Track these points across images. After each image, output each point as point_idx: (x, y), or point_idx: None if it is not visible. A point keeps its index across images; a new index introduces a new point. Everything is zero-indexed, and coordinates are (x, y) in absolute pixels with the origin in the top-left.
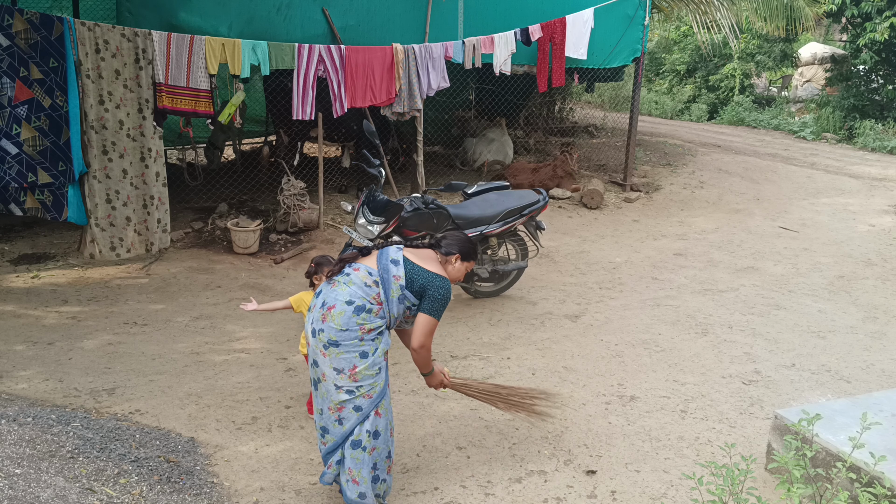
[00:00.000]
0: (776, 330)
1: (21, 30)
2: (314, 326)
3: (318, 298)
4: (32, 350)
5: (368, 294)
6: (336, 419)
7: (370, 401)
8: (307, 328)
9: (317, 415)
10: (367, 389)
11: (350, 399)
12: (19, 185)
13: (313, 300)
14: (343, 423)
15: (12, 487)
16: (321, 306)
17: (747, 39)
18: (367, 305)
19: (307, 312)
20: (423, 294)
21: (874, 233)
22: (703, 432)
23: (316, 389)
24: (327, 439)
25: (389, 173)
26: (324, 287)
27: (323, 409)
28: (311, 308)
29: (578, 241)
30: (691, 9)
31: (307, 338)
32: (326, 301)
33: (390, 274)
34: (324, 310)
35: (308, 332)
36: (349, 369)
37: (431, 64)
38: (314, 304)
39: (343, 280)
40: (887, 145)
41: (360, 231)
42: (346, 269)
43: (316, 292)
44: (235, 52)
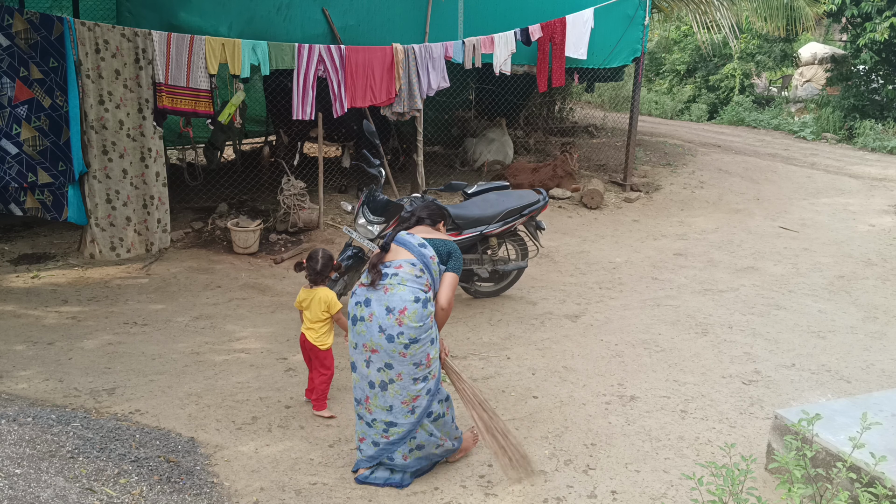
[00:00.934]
0: (776, 330)
1: (21, 30)
2: (389, 332)
3: (369, 307)
4: (32, 350)
5: (421, 284)
6: (409, 410)
7: (436, 379)
8: (367, 338)
9: (378, 412)
10: (434, 370)
11: (424, 385)
12: (19, 185)
13: (362, 309)
14: (415, 412)
15: (12, 487)
16: (388, 312)
17: (747, 39)
18: (424, 296)
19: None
20: (447, 258)
21: (874, 233)
22: (703, 432)
23: (383, 391)
24: (392, 432)
25: (389, 173)
26: (370, 294)
27: (393, 407)
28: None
29: (578, 241)
30: (691, 9)
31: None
32: (391, 305)
33: (427, 257)
34: (395, 314)
35: (376, 340)
36: (425, 359)
37: (431, 64)
38: (371, 312)
39: (395, 281)
40: (887, 145)
41: (360, 231)
42: (384, 270)
43: (357, 300)
44: (235, 52)
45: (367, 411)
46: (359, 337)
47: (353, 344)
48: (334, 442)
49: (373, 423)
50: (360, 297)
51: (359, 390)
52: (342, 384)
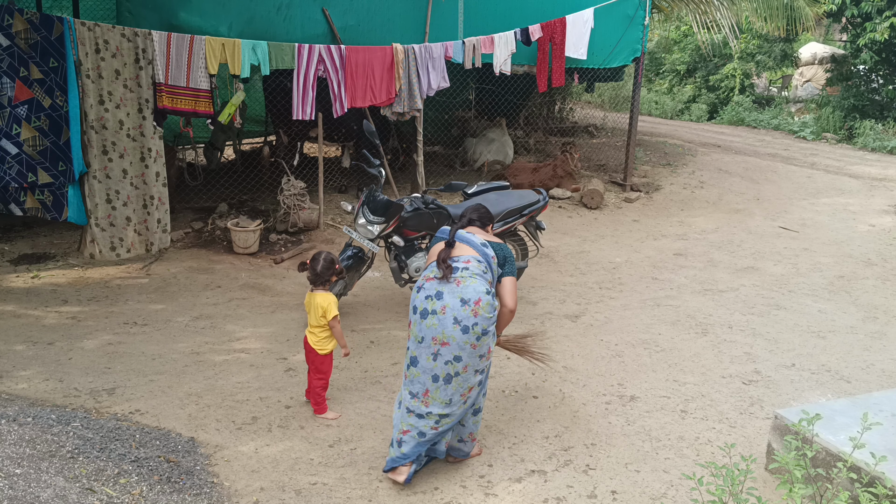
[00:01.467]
0: (776, 330)
1: (21, 30)
2: (465, 324)
3: (441, 299)
4: (32, 350)
5: (487, 279)
6: (464, 400)
7: (486, 374)
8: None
9: (435, 405)
10: (489, 365)
11: (481, 377)
12: (19, 185)
13: (433, 302)
14: (467, 402)
15: (12, 487)
16: (463, 303)
17: (747, 39)
18: (492, 290)
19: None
20: (504, 262)
21: (874, 233)
22: (703, 432)
23: (447, 383)
24: (443, 423)
25: (389, 173)
26: (441, 287)
27: (452, 400)
28: (431, 312)
29: (578, 241)
30: (691, 9)
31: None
32: (466, 297)
33: (489, 257)
34: (470, 305)
35: (449, 332)
36: (487, 351)
37: (431, 64)
38: (444, 305)
39: (466, 274)
40: (887, 145)
41: (360, 231)
42: (453, 264)
43: (427, 294)
44: (235, 52)
45: (424, 405)
46: (428, 330)
47: (419, 338)
48: (334, 442)
49: (426, 416)
50: (430, 291)
51: (417, 384)
52: (342, 384)
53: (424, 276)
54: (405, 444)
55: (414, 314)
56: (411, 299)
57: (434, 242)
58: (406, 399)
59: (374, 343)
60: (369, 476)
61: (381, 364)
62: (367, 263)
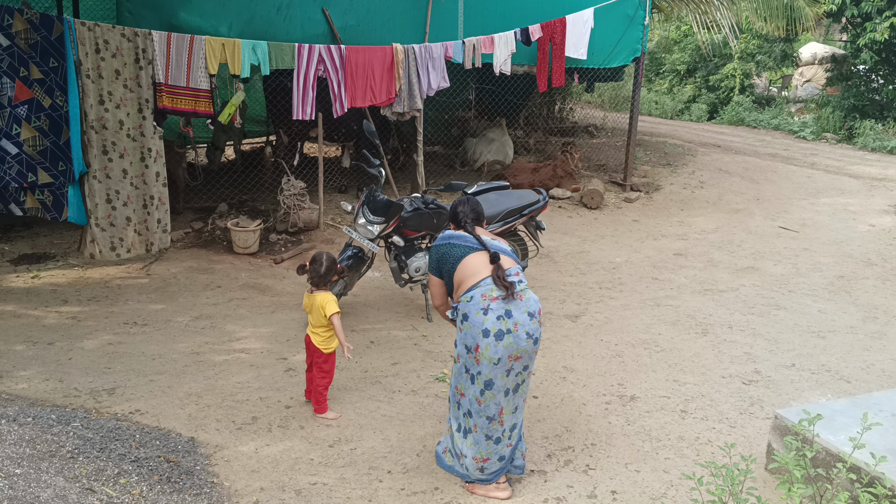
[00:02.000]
0: (776, 330)
1: (21, 30)
2: (535, 336)
3: (511, 318)
4: (32, 350)
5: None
6: (524, 405)
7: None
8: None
9: (508, 417)
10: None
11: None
12: (19, 185)
13: (506, 322)
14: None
15: (12, 487)
16: (531, 317)
17: (747, 39)
18: None
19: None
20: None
21: (874, 233)
22: (703, 432)
23: (515, 393)
24: (513, 435)
25: (389, 173)
26: (507, 305)
27: (518, 406)
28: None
29: (578, 241)
30: (691, 9)
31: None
32: (531, 310)
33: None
34: (536, 317)
35: (523, 346)
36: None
37: (431, 64)
38: (516, 322)
39: (522, 287)
40: (887, 145)
41: (360, 231)
42: (510, 279)
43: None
44: (235, 52)
45: (500, 424)
46: (505, 350)
47: (495, 360)
48: (334, 442)
49: (502, 437)
50: (498, 312)
51: (493, 407)
52: (343, 384)
53: (483, 296)
54: (487, 469)
55: (486, 337)
56: (475, 323)
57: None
58: (483, 426)
59: (374, 343)
60: (369, 476)
61: (381, 364)
62: (367, 263)
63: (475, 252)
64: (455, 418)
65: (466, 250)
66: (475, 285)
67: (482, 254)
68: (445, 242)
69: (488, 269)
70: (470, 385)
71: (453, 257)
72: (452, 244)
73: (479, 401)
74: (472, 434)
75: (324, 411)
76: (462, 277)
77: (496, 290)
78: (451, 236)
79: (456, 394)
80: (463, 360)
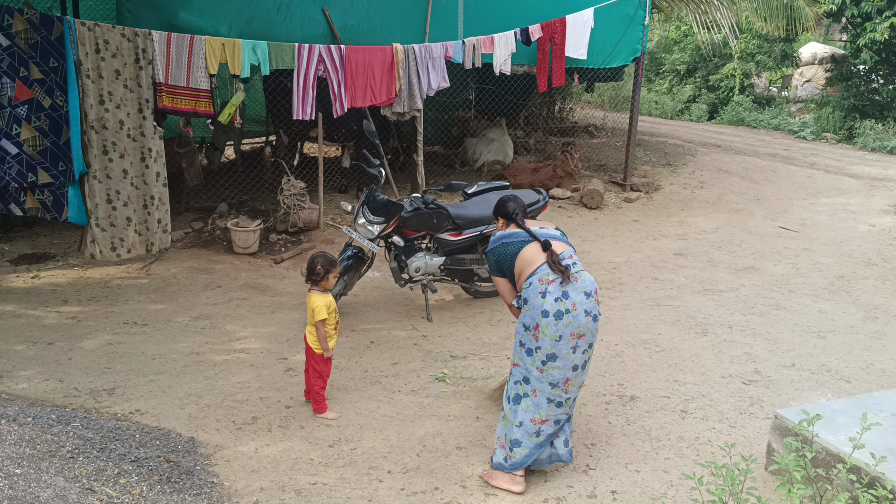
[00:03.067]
0: (776, 330)
1: (21, 30)
2: (594, 314)
3: (568, 298)
4: (32, 350)
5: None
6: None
7: None
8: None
9: (573, 389)
10: None
11: None
12: (19, 185)
13: (563, 303)
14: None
15: (12, 487)
16: (588, 296)
17: (747, 39)
18: None
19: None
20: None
21: (874, 233)
22: (703, 432)
23: (583, 370)
24: (570, 405)
25: (389, 173)
26: (564, 287)
27: (584, 382)
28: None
29: (578, 241)
30: (691, 9)
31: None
32: (587, 290)
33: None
34: (593, 296)
35: (583, 323)
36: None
37: (431, 64)
38: (573, 302)
39: (578, 269)
40: (887, 145)
41: (360, 231)
42: (564, 262)
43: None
44: (235, 52)
45: (564, 391)
46: (566, 329)
47: (556, 337)
48: (334, 442)
49: (564, 402)
50: (556, 294)
51: (557, 375)
52: (343, 384)
53: (540, 280)
54: (543, 433)
55: (546, 317)
56: (534, 305)
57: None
58: (545, 390)
59: (374, 343)
60: (369, 476)
61: (381, 364)
62: (367, 263)
63: (529, 244)
64: (508, 393)
65: (520, 245)
66: (533, 272)
67: (535, 244)
68: (499, 244)
69: (543, 257)
70: (527, 357)
71: (510, 255)
72: (505, 244)
73: (541, 370)
74: (531, 398)
75: (323, 411)
76: (521, 269)
77: (552, 275)
78: (503, 236)
79: (511, 367)
80: (520, 336)
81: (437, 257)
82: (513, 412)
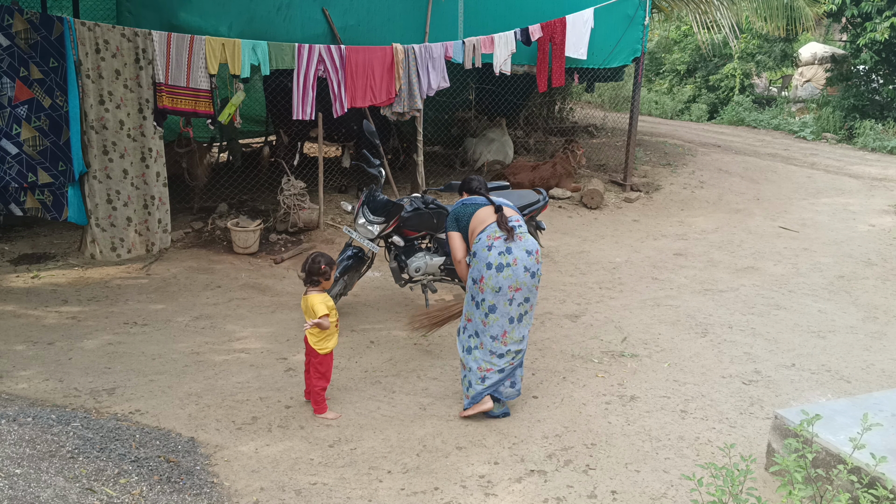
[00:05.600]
0: (776, 330)
1: (21, 30)
2: (532, 270)
3: (511, 254)
4: (32, 350)
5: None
6: (528, 335)
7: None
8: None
9: (512, 342)
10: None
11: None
12: (19, 185)
13: (506, 257)
14: (527, 338)
15: (12, 487)
16: (528, 254)
17: (747, 39)
18: None
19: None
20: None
21: (874, 233)
22: (703, 432)
23: (519, 322)
24: (517, 359)
25: (389, 173)
26: (508, 244)
27: (524, 336)
28: (505, 265)
29: (578, 241)
30: (691, 9)
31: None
32: (529, 248)
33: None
34: (533, 255)
35: (522, 279)
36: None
37: (431, 64)
38: (515, 257)
39: (522, 231)
40: (887, 145)
41: (360, 231)
42: (510, 224)
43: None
44: (235, 52)
45: (503, 344)
46: (505, 280)
47: (496, 288)
48: (334, 442)
49: (505, 354)
50: (500, 248)
51: (496, 328)
52: (342, 384)
53: (488, 237)
54: (488, 380)
55: (489, 269)
56: (481, 258)
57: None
58: (488, 343)
59: (374, 343)
60: (369, 476)
61: (381, 364)
62: (367, 263)
63: (485, 206)
64: (462, 345)
65: (477, 207)
66: (483, 230)
67: (489, 207)
68: (461, 204)
69: (494, 217)
70: (476, 310)
71: (468, 213)
72: (465, 204)
73: (484, 322)
74: (478, 350)
75: (323, 411)
76: (474, 226)
77: (499, 232)
78: (465, 200)
79: (464, 321)
80: (470, 290)
81: (437, 257)
82: (466, 360)
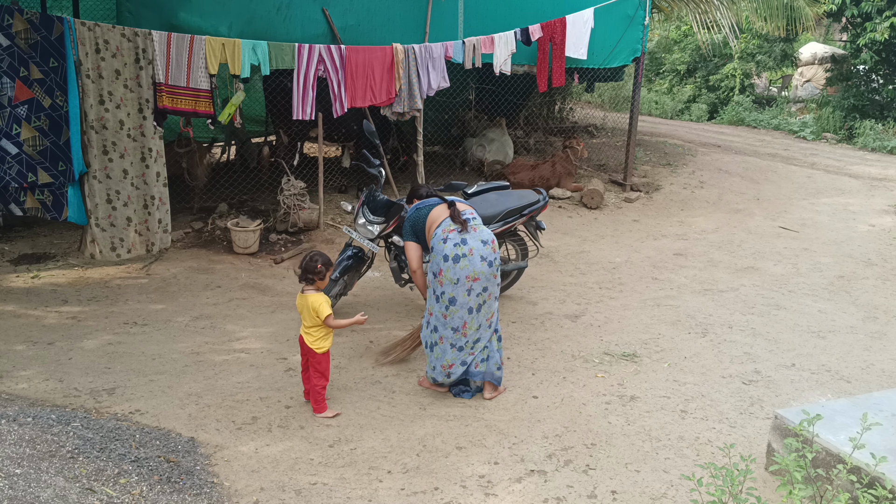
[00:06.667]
0: (776, 330)
1: (21, 30)
2: (489, 259)
3: (467, 244)
4: (32, 350)
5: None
6: (489, 324)
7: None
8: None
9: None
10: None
11: (496, 304)
12: (19, 185)
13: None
14: (490, 325)
15: (12, 487)
16: (484, 244)
17: (747, 39)
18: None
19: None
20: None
21: (874, 233)
22: (703, 432)
23: (478, 312)
24: (477, 347)
25: (389, 173)
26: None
27: (481, 325)
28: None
29: (578, 241)
30: (691, 8)
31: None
32: (484, 238)
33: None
34: (489, 244)
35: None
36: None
37: (431, 64)
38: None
39: (477, 223)
40: (887, 145)
41: (360, 231)
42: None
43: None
44: (235, 52)
45: (463, 335)
46: (462, 271)
47: (454, 280)
48: (334, 442)
49: (465, 346)
50: (456, 240)
51: (457, 319)
52: (342, 384)
53: (443, 230)
54: (453, 374)
55: (446, 262)
56: (438, 251)
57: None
58: (449, 336)
59: (374, 343)
60: (369, 476)
61: (381, 364)
62: (367, 263)
63: (437, 205)
64: (425, 339)
65: (430, 207)
66: (439, 225)
67: (443, 205)
68: (415, 210)
69: (447, 213)
70: (436, 304)
71: (423, 217)
72: (419, 208)
73: (445, 315)
74: (439, 346)
75: (323, 411)
76: (430, 224)
77: (453, 225)
78: (417, 204)
79: (427, 315)
80: (431, 284)
81: None
82: (429, 357)
